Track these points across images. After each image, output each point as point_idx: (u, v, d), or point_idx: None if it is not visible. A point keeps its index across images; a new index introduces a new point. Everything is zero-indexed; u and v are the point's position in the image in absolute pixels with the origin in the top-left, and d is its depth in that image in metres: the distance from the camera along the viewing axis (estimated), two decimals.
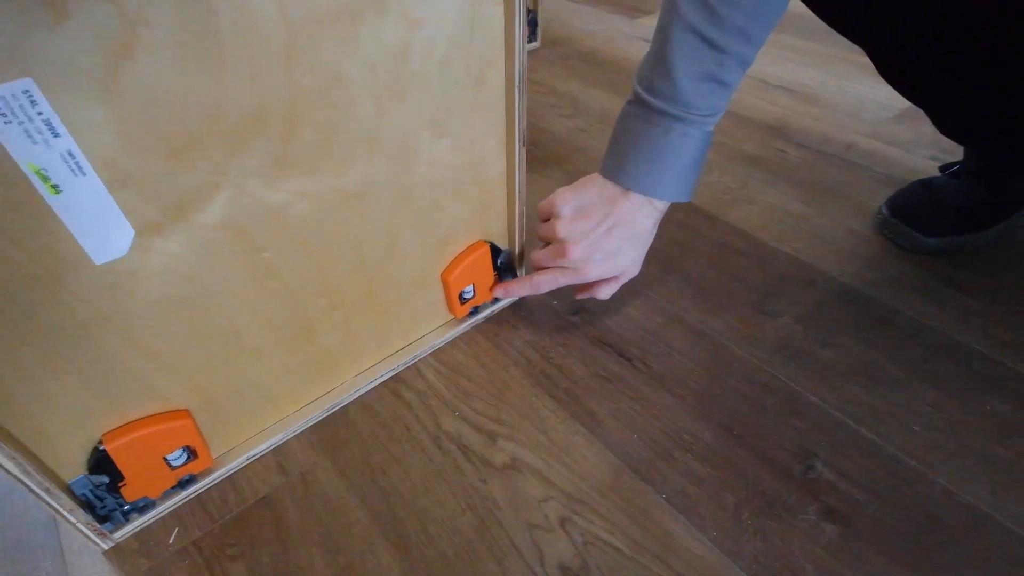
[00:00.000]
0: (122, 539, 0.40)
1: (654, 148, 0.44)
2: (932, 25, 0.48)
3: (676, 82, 0.42)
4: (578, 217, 0.47)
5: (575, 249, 0.46)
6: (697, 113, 0.44)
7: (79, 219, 0.29)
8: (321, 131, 0.35)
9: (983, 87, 0.52)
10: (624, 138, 0.46)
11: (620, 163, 0.46)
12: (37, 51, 0.25)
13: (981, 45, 0.48)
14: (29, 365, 0.31)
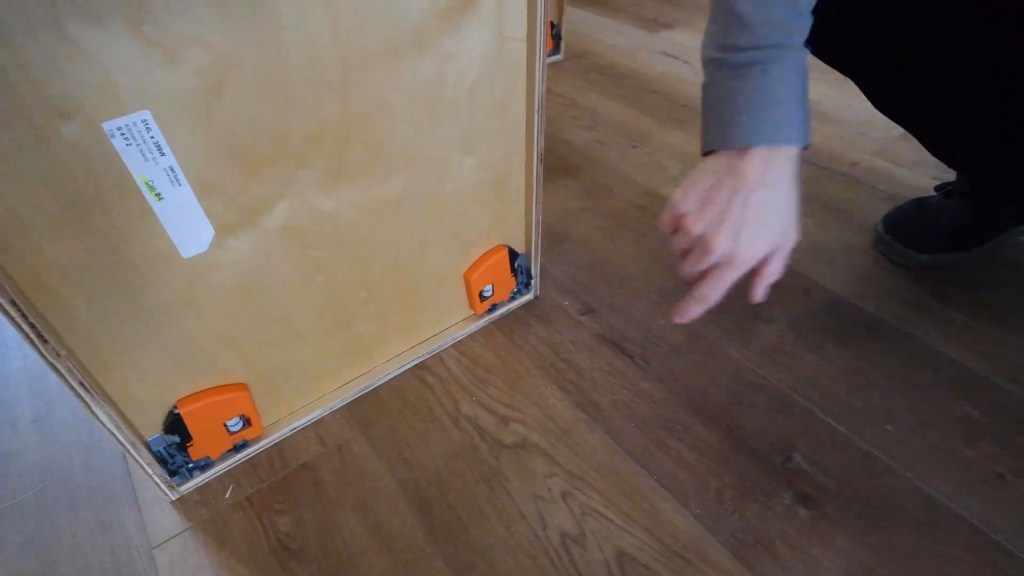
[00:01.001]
0: (186, 492, 0.46)
1: (753, 94, 0.39)
2: (916, 57, 0.52)
3: (748, 19, 0.38)
4: (705, 205, 0.40)
5: (718, 238, 0.40)
6: (780, 36, 0.39)
7: (174, 221, 0.35)
8: (368, 150, 0.42)
9: (965, 114, 0.56)
10: (718, 104, 0.41)
11: (723, 128, 0.41)
12: (154, 88, 0.31)
13: (961, 76, 0.52)
14: (126, 339, 0.38)
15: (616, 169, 0.85)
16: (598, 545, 0.43)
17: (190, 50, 0.31)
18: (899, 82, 0.57)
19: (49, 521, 0.45)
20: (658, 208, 0.77)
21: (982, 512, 0.44)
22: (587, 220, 0.75)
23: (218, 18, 0.31)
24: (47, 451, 0.50)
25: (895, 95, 0.59)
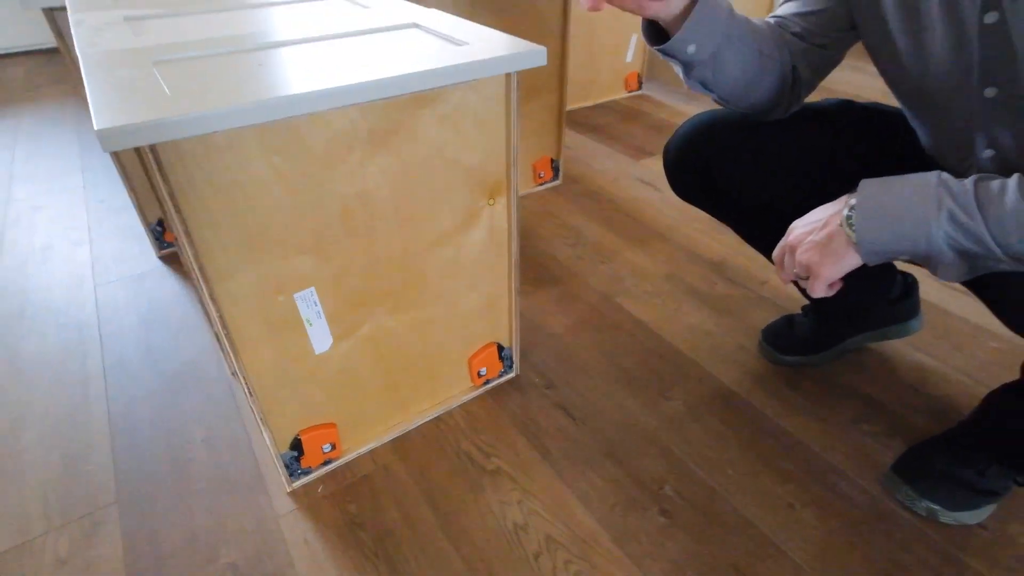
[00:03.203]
0: (297, 487, 0.78)
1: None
2: (771, 206, 0.70)
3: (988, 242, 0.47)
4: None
5: (792, 233, 0.57)
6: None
7: (315, 336, 0.69)
8: (414, 295, 0.75)
9: None
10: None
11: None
12: (314, 277, 0.65)
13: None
14: (282, 395, 0.71)
15: (586, 280, 1.17)
16: (535, 531, 0.73)
17: (335, 260, 0.65)
18: (758, 227, 0.79)
19: (217, 500, 0.77)
20: (611, 312, 1.08)
21: (775, 527, 0.73)
22: (559, 320, 1.07)
23: (359, 248, 0.65)
24: (212, 458, 0.82)
25: (757, 237, 0.82)
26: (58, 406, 0.90)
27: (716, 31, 0.56)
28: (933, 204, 0.48)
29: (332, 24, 0.74)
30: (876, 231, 0.51)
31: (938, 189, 0.48)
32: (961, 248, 0.48)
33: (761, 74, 0.62)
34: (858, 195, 0.52)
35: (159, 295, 1.13)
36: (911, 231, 0.49)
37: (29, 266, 1.22)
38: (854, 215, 0.52)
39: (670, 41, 0.56)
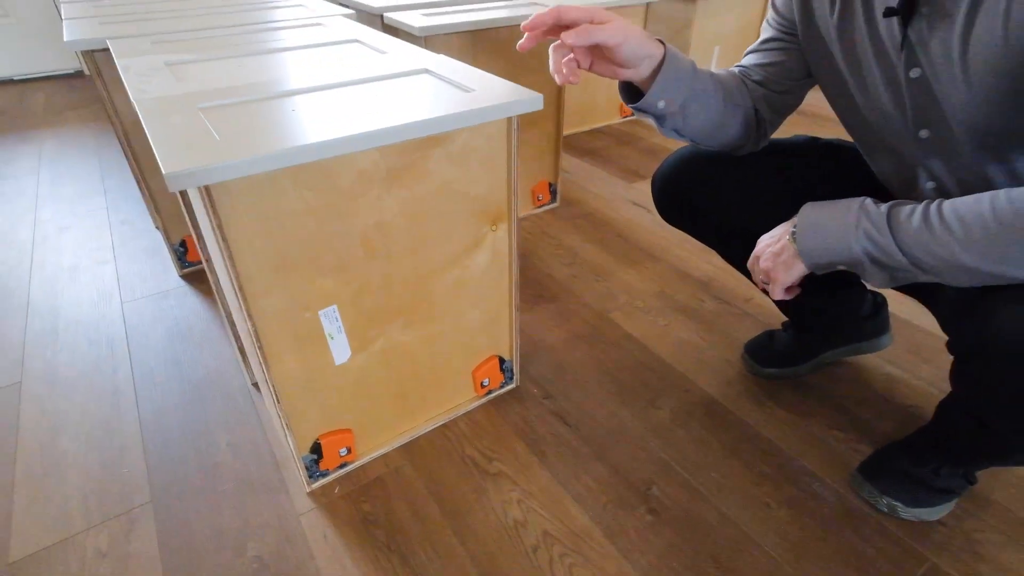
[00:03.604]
0: (315, 487, 0.85)
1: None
2: (749, 230, 0.75)
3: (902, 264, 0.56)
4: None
5: (757, 247, 0.68)
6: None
7: (335, 348, 0.76)
8: (425, 312, 0.83)
9: None
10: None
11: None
12: (337, 294, 0.73)
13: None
14: (304, 404, 0.78)
15: (581, 297, 1.25)
16: (534, 527, 0.80)
17: (355, 281, 0.73)
18: (735, 249, 0.88)
19: (242, 499, 0.84)
20: (605, 327, 1.16)
21: (752, 524, 0.80)
22: (556, 335, 1.15)
23: (376, 270, 0.73)
24: (236, 461, 0.89)
25: (735, 257, 0.91)
26: (93, 414, 0.97)
27: (681, 87, 0.65)
28: (853, 224, 0.57)
29: (354, 69, 0.83)
30: (812, 244, 0.61)
31: (858, 212, 0.57)
32: (877, 260, 0.57)
33: (726, 118, 0.71)
34: (799, 216, 0.63)
35: (182, 311, 1.21)
36: (836, 244, 0.59)
37: (59, 284, 1.30)
38: (796, 231, 0.61)
39: (642, 99, 0.65)
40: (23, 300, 1.25)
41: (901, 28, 0.57)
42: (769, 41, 0.72)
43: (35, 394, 1.01)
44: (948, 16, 0.53)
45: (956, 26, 0.53)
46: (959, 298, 0.58)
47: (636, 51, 0.60)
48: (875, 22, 0.60)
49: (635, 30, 0.60)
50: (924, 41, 0.56)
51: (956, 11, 0.52)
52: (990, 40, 0.51)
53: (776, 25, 0.71)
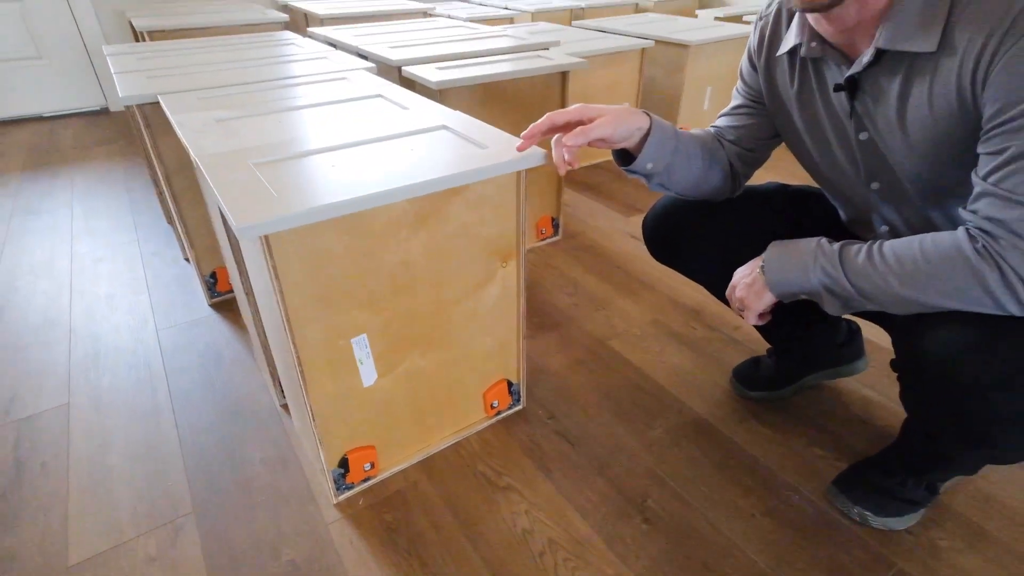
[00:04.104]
0: (342, 499, 0.94)
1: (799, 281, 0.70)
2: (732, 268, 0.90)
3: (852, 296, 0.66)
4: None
5: (734, 279, 0.78)
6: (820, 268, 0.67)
7: (364, 372, 0.86)
8: (443, 339, 0.93)
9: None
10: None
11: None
12: (368, 326, 0.83)
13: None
14: (335, 423, 0.87)
15: (582, 326, 1.35)
16: (540, 535, 0.88)
17: (383, 313, 0.83)
18: (717, 283, 0.99)
19: (276, 510, 0.93)
20: (604, 353, 1.26)
21: (739, 533, 0.88)
22: (559, 360, 1.24)
23: (402, 303, 0.83)
24: (269, 475, 0.98)
25: (717, 290, 1.01)
26: (136, 433, 1.06)
27: (666, 151, 0.76)
28: (810, 260, 0.68)
29: (381, 125, 0.95)
30: (777, 276, 0.71)
31: (815, 249, 0.68)
32: (831, 290, 0.67)
33: (705, 174, 0.82)
34: (766, 252, 0.73)
35: (213, 338, 1.31)
36: (797, 277, 0.69)
37: (98, 313, 1.41)
38: (764, 266, 0.72)
39: (634, 163, 0.76)
40: (66, 328, 1.35)
41: (848, 101, 0.68)
42: (739, 107, 0.84)
43: (82, 414, 1.11)
44: (884, 93, 0.64)
45: (892, 101, 0.64)
46: (901, 324, 0.68)
47: (624, 132, 0.72)
48: (828, 94, 0.71)
49: (622, 114, 0.71)
50: (869, 111, 0.67)
51: (891, 90, 0.63)
52: (920, 114, 0.62)
53: (744, 93, 0.83)
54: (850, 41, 0.64)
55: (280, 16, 2.34)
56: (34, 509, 0.92)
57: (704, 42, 2.19)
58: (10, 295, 1.47)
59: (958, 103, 0.58)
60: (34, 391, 1.16)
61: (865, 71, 0.64)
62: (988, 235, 0.56)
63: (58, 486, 0.96)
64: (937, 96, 0.59)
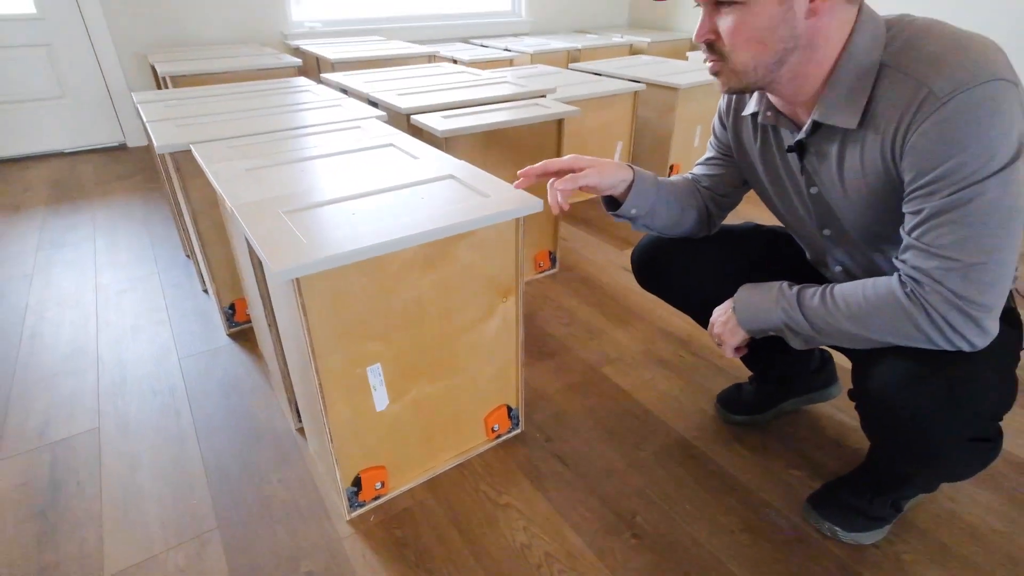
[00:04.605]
0: (354, 516, 1.01)
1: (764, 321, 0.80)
2: (716, 298, 1.00)
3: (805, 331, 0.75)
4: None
5: (712, 317, 0.87)
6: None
7: (378, 398, 0.95)
8: (449, 367, 1.02)
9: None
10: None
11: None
12: (382, 356, 0.92)
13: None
14: (351, 444, 0.96)
15: (577, 354, 1.44)
16: (537, 549, 0.96)
17: (395, 344, 0.92)
18: (700, 313, 1.09)
19: (293, 526, 1.00)
20: (598, 380, 1.34)
21: (720, 547, 0.96)
22: (555, 387, 1.33)
23: (412, 336, 0.93)
24: (286, 494, 1.06)
25: (700, 320, 1.12)
26: (163, 455, 1.15)
27: (647, 198, 0.87)
28: (772, 301, 0.77)
29: (394, 174, 1.06)
30: (746, 316, 0.81)
31: (778, 293, 0.77)
32: (792, 328, 0.76)
33: (683, 217, 0.93)
34: (736, 295, 0.84)
35: (232, 367, 1.40)
36: (763, 316, 0.79)
37: (123, 342, 1.50)
38: (735, 306, 0.81)
39: (619, 208, 0.87)
40: (94, 356, 1.44)
41: (799, 160, 0.79)
42: (712, 158, 0.95)
43: (112, 437, 1.19)
44: (826, 156, 0.75)
45: (832, 163, 0.74)
46: (856, 358, 0.77)
47: (610, 182, 0.82)
48: (784, 153, 0.82)
49: (608, 167, 0.82)
50: (816, 170, 0.78)
51: (831, 154, 0.74)
52: (855, 176, 0.73)
53: (716, 147, 0.94)
54: (796, 112, 0.75)
55: (293, 61, 2.49)
56: (71, 525, 1.00)
57: (693, 85, 2.33)
58: (40, 325, 1.56)
59: (883, 169, 0.68)
60: (66, 416, 1.25)
61: (809, 137, 0.75)
62: (915, 281, 0.65)
63: (92, 504, 1.04)
64: (867, 162, 0.70)
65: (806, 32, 0.66)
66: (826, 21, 0.66)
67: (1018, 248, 0.63)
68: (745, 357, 1.15)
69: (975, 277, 0.62)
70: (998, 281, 0.62)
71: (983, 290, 0.62)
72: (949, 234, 0.62)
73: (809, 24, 0.65)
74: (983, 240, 0.61)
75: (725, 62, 0.70)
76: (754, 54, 0.68)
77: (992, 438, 0.72)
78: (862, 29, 0.66)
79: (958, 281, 0.62)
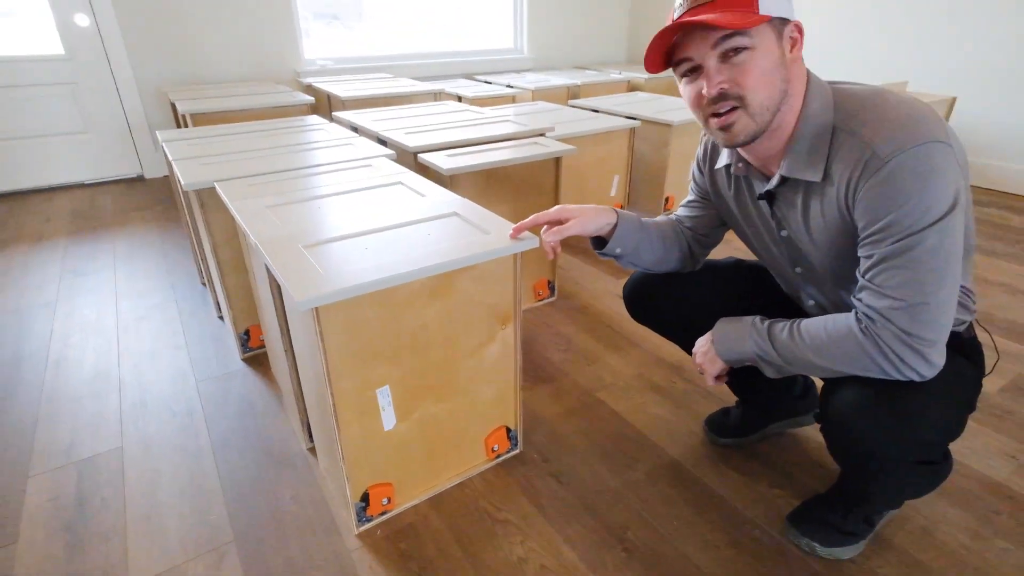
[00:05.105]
0: (362, 530, 1.08)
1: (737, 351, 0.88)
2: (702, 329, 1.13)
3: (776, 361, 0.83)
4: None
5: (695, 347, 0.95)
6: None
7: (386, 418, 1.03)
8: (453, 389, 1.09)
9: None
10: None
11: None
12: (388, 377, 1.00)
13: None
14: (361, 461, 1.03)
15: (574, 379, 1.51)
16: (533, 562, 1.02)
17: (402, 368, 1.01)
18: (686, 341, 1.19)
19: (305, 539, 1.07)
20: (593, 404, 1.41)
21: (705, 561, 1.02)
22: (552, 409, 1.40)
23: (417, 360, 1.01)
24: (298, 510, 1.13)
25: (688, 349, 1.21)
26: (182, 472, 1.22)
27: (631, 239, 0.96)
28: (746, 334, 0.85)
29: (403, 211, 1.15)
30: (723, 348, 0.89)
31: (750, 327, 0.85)
32: (764, 359, 0.84)
33: (666, 254, 1.01)
34: (715, 328, 0.92)
35: (246, 390, 1.48)
36: (739, 348, 0.87)
37: (143, 366, 1.58)
38: (714, 338, 0.89)
39: (605, 248, 0.96)
40: (116, 379, 1.52)
41: (769, 207, 0.88)
42: (693, 201, 1.04)
43: (134, 456, 1.26)
44: (792, 205, 0.84)
45: (798, 211, 0.83)
46: (824, 384, 0.85)
47: (594, 227, 0.92)
48: (756, 200, 0.91)
49: (591, 214, 0.92)
50: (784, 216, 0.87)
51: (796, 203, 0.83)
52: (818, 223, 0.81)
53: (696, 191, 1.03)
54: (765, 165, 0.84)
55: (306, 99, 2.62)
56: (97, 538, 1.07)
57: (686, 121, 2.45)
58: (65, 350, 1.65)
59: (840, 218, 0.77)
60: (91, 436, 1.32)
61: (777, 188, 0.84)
62: (869, 319, 0.74)
63: (117, 518, 1.11)
64: (827, 211, 0.79)
65: (787, 77, 0.75)
66: (796, 71, 0.76)
67: (957, 286, 0.72)
68: (731, 384, 1.23)
69: (919, 315, 0.70)
70: (940, 318, 0.70)
71: (927, 326, 0.70)
72: (896, 277, 0.70)
73: (790, 71, 0.74)
74: (925, 283, 0.69)
75: (743, 108, 0.74)
76: (768, 94, 0.74)
77: (937, 461, 0.79)
78: (813, 92, 0.76)
79: (905, 319, 0.70)
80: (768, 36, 0.71)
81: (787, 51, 0.73)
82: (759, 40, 0.71)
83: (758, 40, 0.71)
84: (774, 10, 0.70)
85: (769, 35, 0.71)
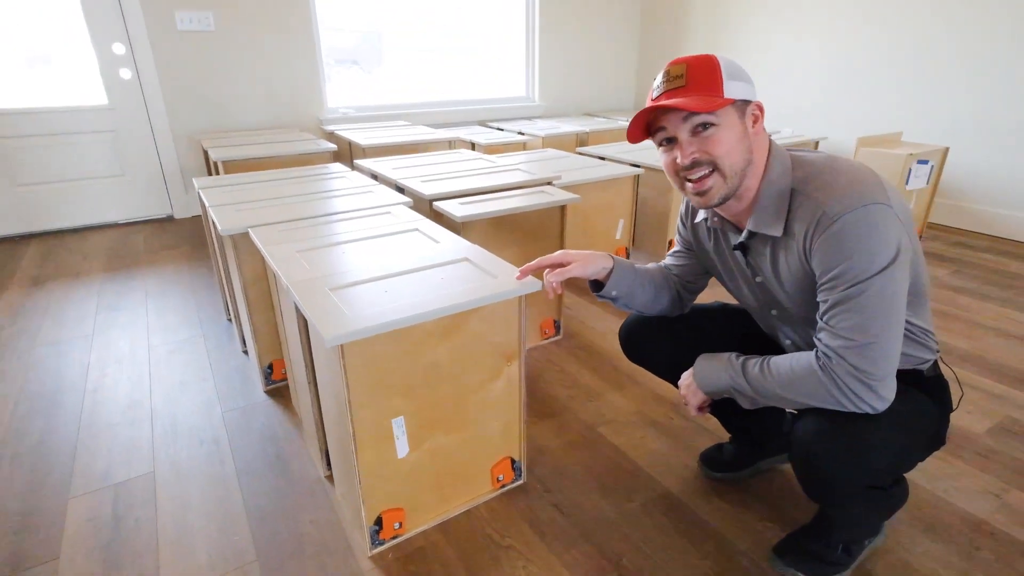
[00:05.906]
0: (375, 552, 1.16)
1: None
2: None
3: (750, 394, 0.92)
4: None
5: (680, 380, 1.05)
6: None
7: (399, 446, 1.12)
8: (460, 420, 1.19)
9: (720, 404, 1.29)
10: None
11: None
12: (403, 409, 1.10)
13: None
14: (375, 488, 1.12)
15: (577, 414, 1.60)
16: None
17: (416, 400, 1.10)
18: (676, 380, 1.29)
19: (322, 560, 1.15)
20: (594, 438, 1.49)
21: None
22: (555, 443, 1.48)
23: (429, 394, 1.11)
24: (316, 532, 1.21)
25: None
26: (209, 496, 1.31)
27: (626, 283, 1.07)
28: (723, 369, 0.95)
29: (418, 256, 1.27)
30: (703, 381, 0.98)
31: (727, 362, 0.95)
32: (738, 391, 0.93)
33: (658, 298, 1.12)
34: (696, 362, 1.01)
35: (268, 420, 1.58)
36: (717, 381, 0.96)
37: (173, 396, 1.69)
38: (695, 371, 0.98)
39: (602, 290, 1.06)
40: (148, 409, 1.63)
41: (743, 257, 0.98)
42: (678, 251, 1.15)
43: (165, 480, 1.36)
44: (763, 255, 0.94)
45: (768, 261, 0.94)
46: (795, 418, 0.94)
47: (593, 271, 1.03)
48: (731, 250, 1.01)
49: (591, 259, 1.03)
50: (758, 264, 0.97)
51: (766, 254, 0.93)
52: (785, 272, 0.92)
53: (681, 243, 1.14)
54: (737, 220, 0.95)
55: (329, 146, 2.80)
56: (132, 555, 1.16)
57: None
58: (102, 380, 1.77)
59: (801, 266, 0.87)
60: (125, 461, 1.42)
61: (748, 240, 0.94)
62: (826, 356, 0.83)
63: (149, 537, 1.20)
64: (791, 262, 0.89)
65: (751, 148, 0.87)
66: (759, 142, 0.88)
67: (902, 327, 0.81)
68: (719, 417, 1.31)
69: (868, 353, 0.79)
70: (887, 355, 0.79)
71: (875, 363, 0.79)
72: (847, 319, 0.80)
73: (753, 142, 0.86)
74: (873, 324, 0.79)
75: (717, 171, 0.86)
76: (736, 159, 0.86)
77: (887, 488, 0.87)
78: (775, 159, 0.88)
79: (856, 357, 0.80)
80: (731, 115, 0.84)
81: (749, 126, 0.85)
82: (724, 119, 0.83)
83: (723, 119, 0.83)
84: (737, 94, 0.83)
85: (732, 115, 0.84)
